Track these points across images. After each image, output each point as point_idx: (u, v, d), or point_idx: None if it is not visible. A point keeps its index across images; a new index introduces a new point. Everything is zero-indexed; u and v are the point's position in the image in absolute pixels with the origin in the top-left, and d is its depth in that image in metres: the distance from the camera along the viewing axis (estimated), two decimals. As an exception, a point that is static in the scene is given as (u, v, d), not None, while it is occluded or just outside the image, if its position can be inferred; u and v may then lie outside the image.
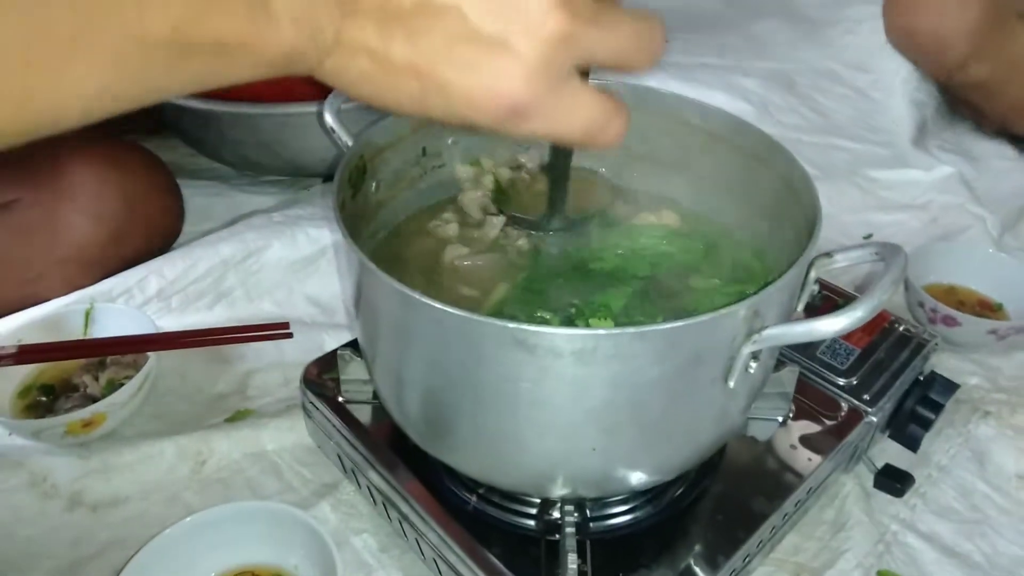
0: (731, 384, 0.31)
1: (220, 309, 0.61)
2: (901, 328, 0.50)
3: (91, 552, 0.46)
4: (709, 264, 0.42)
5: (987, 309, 0.62)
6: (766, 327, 0.30)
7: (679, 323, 0.29)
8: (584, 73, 0.29)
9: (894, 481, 0.47)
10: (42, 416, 0.50)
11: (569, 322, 0.36)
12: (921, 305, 0.59)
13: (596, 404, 0.31)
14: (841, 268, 0.35)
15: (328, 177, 0.77)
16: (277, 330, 0.54)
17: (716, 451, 0.40)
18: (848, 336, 0.50)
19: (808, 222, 0.35)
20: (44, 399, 0.52)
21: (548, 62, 0.23)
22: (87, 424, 0.49)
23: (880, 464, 0.48)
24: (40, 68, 0.19)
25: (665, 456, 0.35)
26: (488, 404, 0.33)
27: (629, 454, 0.34)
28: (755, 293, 0.30)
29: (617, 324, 0.36)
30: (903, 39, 0.82)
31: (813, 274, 0.35)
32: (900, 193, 0.77)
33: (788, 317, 0.33)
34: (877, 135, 0.87)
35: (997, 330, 0.56)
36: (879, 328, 0.50)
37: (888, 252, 0.32)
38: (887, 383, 0.46)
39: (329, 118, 0.42)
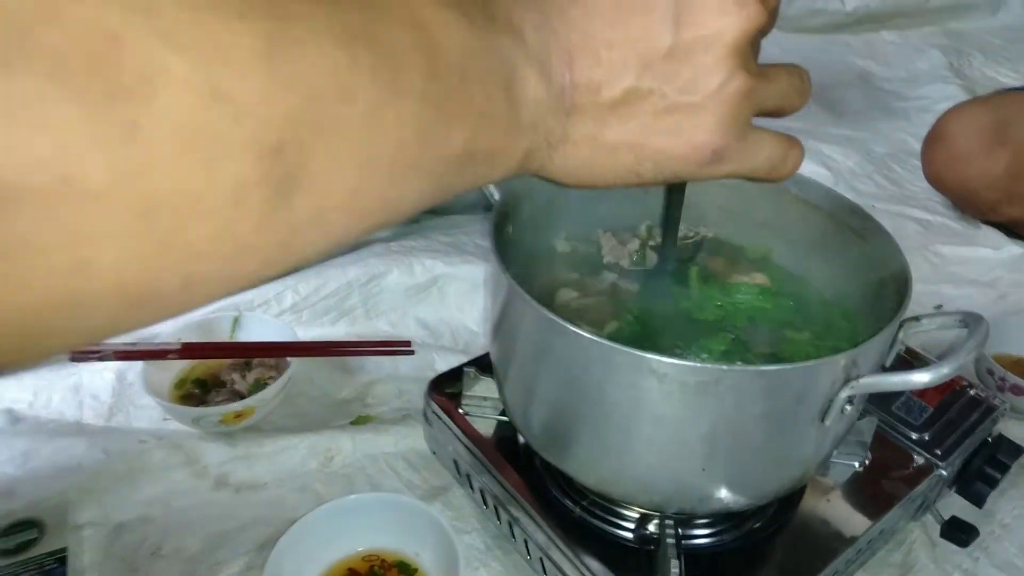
0: (827, 423, 0.37)
1: (342, 324, 0.69)
2: (972, 392, 0.54)
3: (234, 527, 0.53)
4: (801, 320, 0.48)
5: (1053, 382, 0.65)
6: (861, 376, 0.36)
7: (790, 366, 0.35)
8: None
9: (960, 532, 0.51)
10: (195, 406, 0.58)
11: (681, 359, 0.42)
12: (991, 373, 0.63)
13: (709, 430, 0.37)
14: (924, 332, 0.40)
15: (433, 212, 0.85)
16: (401, 347, 0.61)
17: (800, 486, 0.45)
18: (922, 395, 0.54)
19: (898, 288, 0.40)
20: (197, 391, 0.60)
21: (735, 115, 0.29)
22: (238, 416, 0.56)
23: (947, 516, 0.52)
24: (395, 180, 0.22)
25: (762, 482, 0.40)
26: (614, 422, 0.39)
27: (731, 477, 0.39)
28: (855, 347, 0.35)
29: (724, 364, 0.42)
30: (938, 185, 0.88)
31: (901, 335, 0.40)
32: (969, 269, 0.81)
33: (878, 370, 0.39)
34: (949, 209, 0.91)
35: (1063, 402, 0.60)
36: (951, 390, 0.54)
37: (972, 320, 0.37)
38: (957, 441, 0.51)
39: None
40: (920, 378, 0.34)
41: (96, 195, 0.16)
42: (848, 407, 0.36)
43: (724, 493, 0.40)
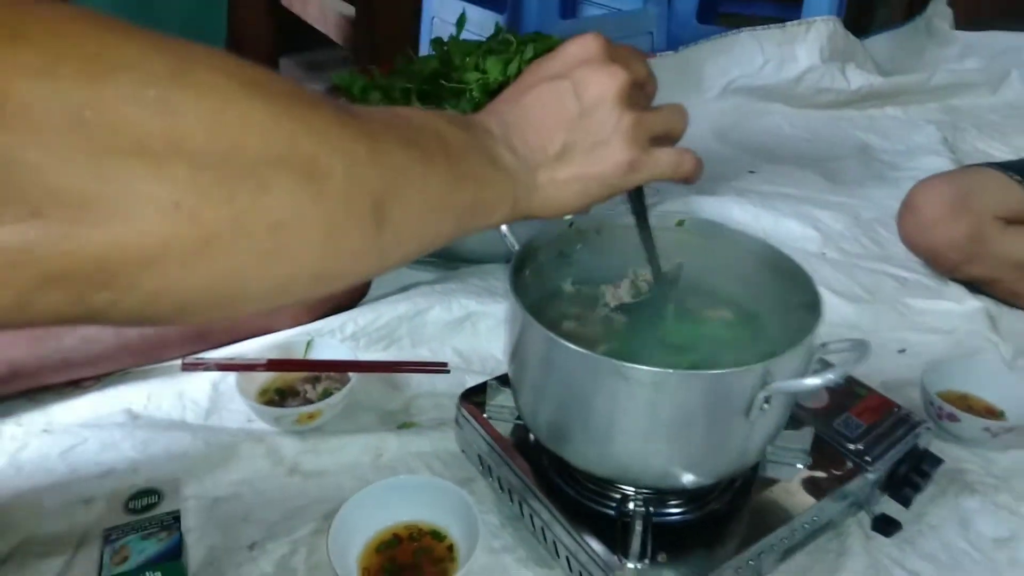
0: (751, 418, 0.50)
1: (392, 350, 0.84)
2: (900, 412, 0.66)
3: (304, 503, 0.67)
4: (754, 345, 0.61)
5: (991, 414, 0.76)
6: (775, 382, 0.49)
7: (719, 371, 0.48)
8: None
9: (886, 525, 0.62)
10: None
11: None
12: (931, 403, 0.75)
13: (664, 419, 0.50)
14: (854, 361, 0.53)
15: (469, 261, 1.00)
16: (439, 367, 0.76)
17: (747, 470, 0.57)
18: (860, 414, 0.66)
19: (815, 319, 0.53)
20: (277, 398, 0.75)
21: (634, 138, 0.44)
22: (310, 416, 0.71)
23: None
24: (435, 219, 0.38)
25: (706, 463, 0.53)
26: (597, 416, 0.52)
27: (682, 458, 0.52)
28: (767, 360, 0.49)
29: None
30: (911, 247, 1.02)
31: (816, 355, 0.53)
32: (934, 319, 0.93)
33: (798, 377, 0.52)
34: (923, 267, 1.03)
35: (989, 428, 0.71)
36: (885, 411, 0.66)
37: (859, 345, 0.50)
38: (884, 450, 0.63)
39: (504, 227, 0.64)
40: (811, 381, 0.47)
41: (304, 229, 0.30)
42: (766, 405, 0.49)
43: (678, 471, 0.53)
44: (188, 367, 0.73)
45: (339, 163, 0.31)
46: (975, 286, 0.98)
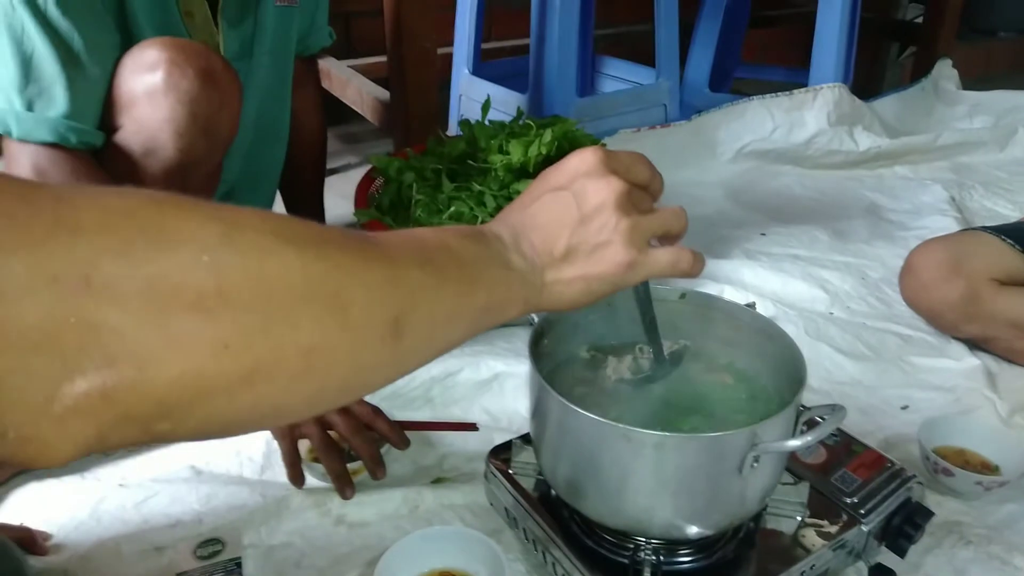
0: (743, 474, 0.57)
1: (426, 409, 0.92)
2: (893, 468, 0.72)
3: (350, 551, 0.74)
4: (750, 407, 0.68)
5: (987, 469, 0.81)
6: (762, 443, 0.56)
7: (712, 435, 0.55)
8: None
9: (882, 574, 0.68)
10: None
11: (657, 433, 0.63)
12: (927, 458, 0.80)
13: (666, 476, 0.57)
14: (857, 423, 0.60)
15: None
16: (469, 427, 0.84)
17: (749, 522, 0.63)
18: (856, 470, 0.72)
19: (799, 385, 0.60)
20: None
21: (632, 240, 0.48)
22: (354, 472, 0.79)
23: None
24: (450, 325, 0.44)
25: (706, 515, 0.60)
26: (607, 473, 0.59)
27: (684, 511, 0.59)
28: (756, 424, 0.55)
29: (685, 437, 0.62)
30: (912, 307, 1.09)
31: (800, 418, 0.60)
32: (935, 376, 0.98)
33: (784, 439, 0.58)
34: (927, 326, 1.09)
35: (982, 482, 0.76)
36: (879, 467, 0.72)
37: (834, 411, 0.57)
38: (877, 504, 0.68)
39: (525, 301, 0.72)
40: (792, 443, 0.54)
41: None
42: (755, 463, 0.56)
43: (682, 523, 0.59)
44: None
45: (360, 292, 0.37)
46: (976, 344, 1.03)
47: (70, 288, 0.27)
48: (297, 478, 0.77)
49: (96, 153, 0.81)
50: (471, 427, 0.85)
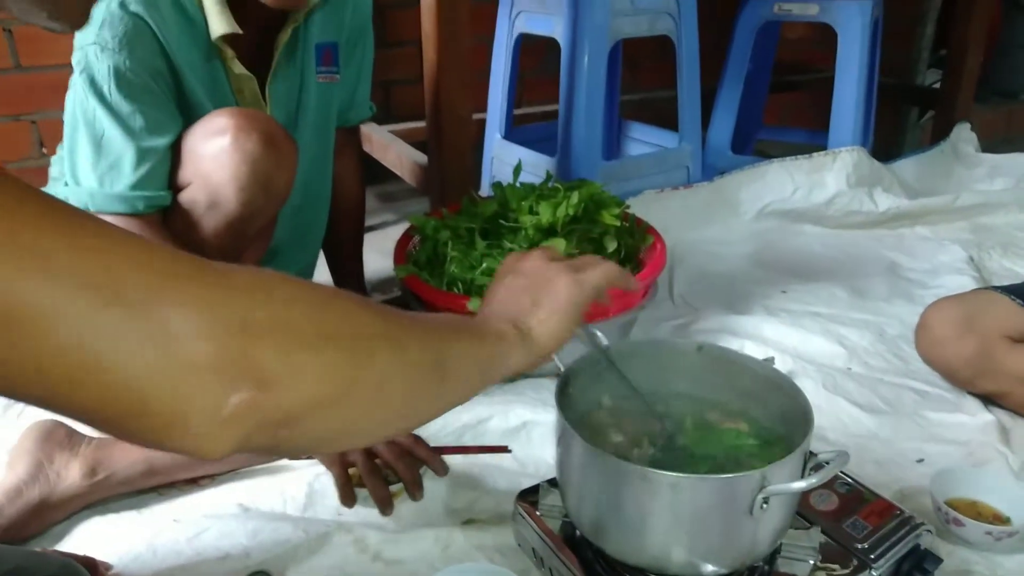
0: (754, 515, 0.61)
1: (457, 455, 0.97)
2: (903, 515, 0.75)
3: (384, 587, 0.79)
4: (764, 453, 0.72)
5: (998, 520, 0.84)
6: (770, 485, 0.60)
7: (724, 476, 0.60)
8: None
9: (892, 618, 0.71)
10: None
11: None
12: (938, 509, 0.83)
13: (682, 516, 0.62)
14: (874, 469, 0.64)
15: (527, 376, 1.14)
16: (502, 449, 0.92)
17: (763, 564, 0.67)
18: (867, 517, 0.76)
19: (805, 431, 0.65)
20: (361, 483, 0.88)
21: (567, 267, 0.62)
22: (394, 494, 0.84)
23: (887, 609, 0.72)
24: (472, 369, 0.55)
25: (720, 554, 0.64)
26: (627, 513, 0.64)
27: (700, 549, 0.63)
28: (765, 467, 0.60)
29: (700, 480, 0.67)
30: (928, 363, 1.12)
31: (809, 463, 0.64)
32: (949, 431, 1.01)
33: (792, 481, 0.63)
34: (943, 382, 1.12)
35: (992, 532, 0.79)
36: (889, 514, 0.76)
37: (839, 455, 0.61)
38: (886, 549, 0.72)
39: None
40: (797, 485, 0.59)
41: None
42: (765, 504, 0.60)
43: (698, 561, 0.64)
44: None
45: (413, 339, 0.49)
46: (990, 399, 1.06)
47: (232, 330, 0.38)
48: (348, 498, 0.84)
49: (165, 209, 0.90)
50: (503, 449, 0.91)
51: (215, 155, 0.88)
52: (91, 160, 0.87)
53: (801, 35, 2.44)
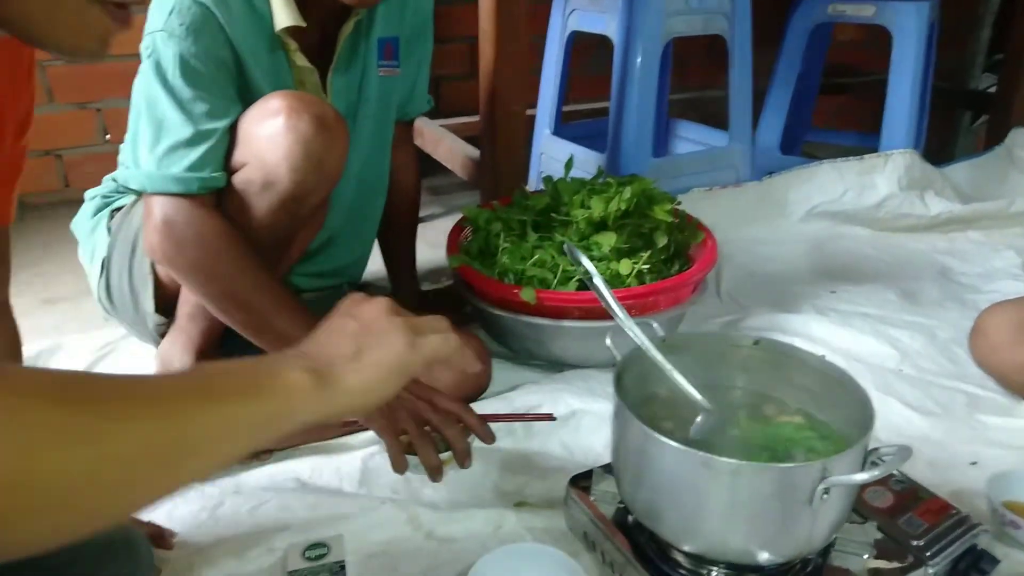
0: (813, 506, 0.61)
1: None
2: (959, 515, 0.75)
3: (438, 564, 0.81)
4: (823, 446, 0.72)
5: (1056, 525, 0.83)
6: (831, 476, 0.61)
7: (785, 465, 0.61)
8: None
9: (948, 616, 0.71)
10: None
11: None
12: (995, 511, 0.82)
13: (741, 503, 0.63)
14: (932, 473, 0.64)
15: (573, 365, 1.15)
16: (546, 417, 0.94)
17: (817, 556, 0.68)
18: (922, 515, 0.76)
19: (865, 424, 0.65)
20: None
21: (407, 327, 0.55)
22: (444, 462, 0.86)
23: (942, 607, 0.72)
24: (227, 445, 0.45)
25: (777, 543, 0.65)
26: (685, 498, 0.65)
27: (757, 538, 0.64)
28: (825, 459, 0.61)
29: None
30: (982, 368, 1.12)
31: (869, 457, 0.64)
32: (1003, 434, 1.00)
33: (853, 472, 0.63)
34: (997, 385, 1.10)
35: (1050, 536, 0.78)
36: (945, 513, 0.75)
37: (901, 449, 0.61)
38: (942, 547, 0.72)
39: (608, 340, 0.79)
40: (860, 476, 0.59)
41: None
42: (825, 495, 0.61)
43: (754, 549, 0.64)
44: (346, 426, 0.92)
45: (123, 427, 0.40)
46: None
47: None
48: (400, 464, 0.83)
49: (220, 190, 0.93)
50: (548, 417, 0.93)
51: (268, 136, 0.91)
52: (150, 143, 0.90)
53: (852, 37, 2.42)
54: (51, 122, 1.77)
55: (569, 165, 1.29)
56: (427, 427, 0.86)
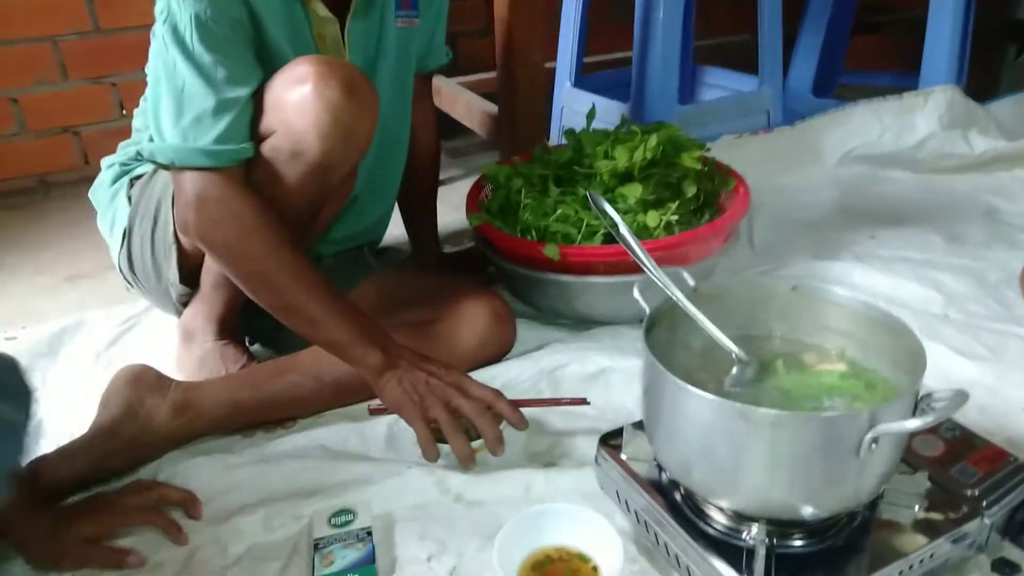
0: (861, 456, 0.57)
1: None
2: (1017, 462, 0.70)
3: (467, 527, 0.79)
4: (868, 394, 0.68)
5: (1122, 471, 0.78)
6: (880, 424, 0.56)
7: (830, 414, 0.57)
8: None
9: (1006, 567, 0.66)
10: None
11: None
12: (1055, 458, 0.77)
13: (782, 456, 0.59)
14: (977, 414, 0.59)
15: (601, 322, 1.12)
16: (580, 402, 0.90)
17: (865, 509, 0.64)
18: (977, 463, 0.71)
19: (917, 370, 0.60)
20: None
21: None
22: (476, 450, 0.84)
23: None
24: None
25: (823, 497, 0.61)
26: (722, 452, 0.62)
27: (801, 491, 0.60)
28: (873, 406, 0.56)
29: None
30: None
31: (921, 404, 0.60)
32: (1059, 377, 0.95)
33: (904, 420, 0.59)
34: (1052, 328, 1.04)
35: (1116, 482, 0.73)
36: (1001, 461, 0.71)
37: (958, 395, 0.57)
38: (999, 497, 0.67)
39: (637, 292, 0.75)
40: (912, 423, 0.55)
41: None
42: (874, 445, 0.57)
43: (798, 503, 0.61)
44: (375, 412, 0.88)
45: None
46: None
47: None
48: (433, 454, 0.84)
49: (249, 160, 0.90)
50: (582, 402, 0.89)
51: (296, 103, 0.87)
52: (173, 114, 0.87)
53: (887, -29, 2.29)
54: (66, 99, 1.76)
55: (591, 115, 1.24)
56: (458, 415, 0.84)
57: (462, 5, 1.92)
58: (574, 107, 1.67)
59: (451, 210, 1.43)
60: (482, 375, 0.97)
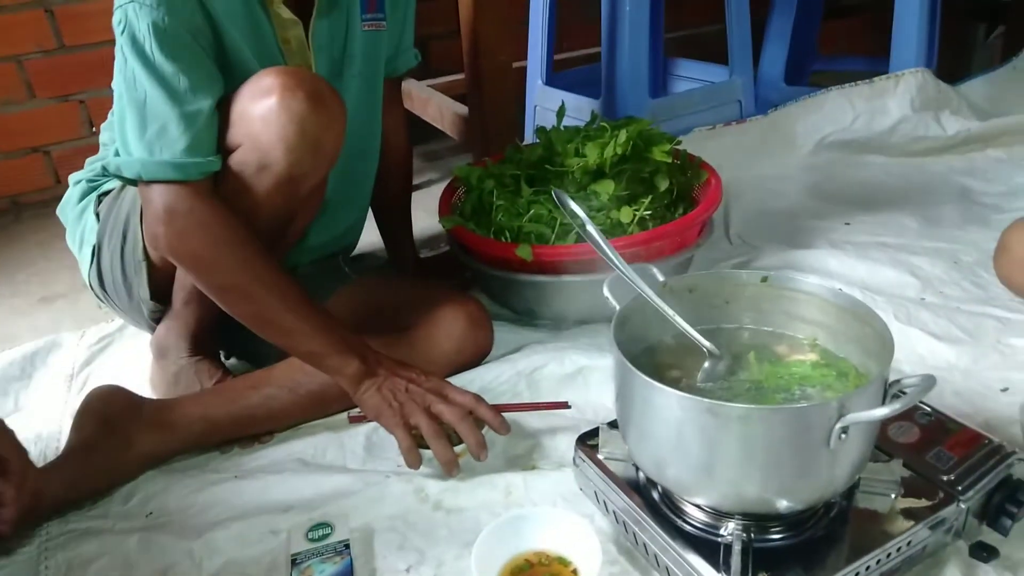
0: (831, 447, 0.57)
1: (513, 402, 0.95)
2: (991, 444, 0.70)
3: (446, 535, 0.78)
4: (840, 383, 0.68)
5: (1098, 448, 0.78)
6: (849, 413, 0.56)
7: (798, 406, 0.56)
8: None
9: (983, 551, 0.66)
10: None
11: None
12: (1030, 438, 0.78)
13: (753, 450, 0.59)
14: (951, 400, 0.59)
15: (577, 321, 1.11)
16: (561, 406, 0.89)
17: (841, 499, 0.64)
18: (952, 448, 0.71)
19: (887, 358, 0.60)
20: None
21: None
22: (458, 455, 0.83)
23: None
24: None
25: (795, 490, 0.60)
26: (693, 448, 0.61)
27: (774, 485, 0.60)
28: (840, 396, 0.56)
29: (770, 413, 0.63)
30: (1008, 287, 1.08)
31: (891, 391, 0.60)
32: (1036, 357, 0.95)
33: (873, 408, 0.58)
34: (1027, 307, 1.05)
35: (1091, 459, 0.73)
36: (976, 444, 0.71)
37: (926, 379, 0.56)
38: (975, 480, 0.67)
39: (606, 290, 0.74)
40: (880, 412, 0.54)
41: None
42: (844, 435, 0.57)
43: (771, 497, 0.60)
44: (354, 420, 0.88)
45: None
46: (1082, 323, 0.99)
47: None
48: (415, 461, 0.84)
49: (216, 173, 0.89)
50: (563, 406, 0.89)
51: (262, 116, 0.86)
52: (137, 127, 0.85)
53: (855, -45, 2.30)
54: (34, 118, 1.74)
55: (561, 113, 1.23)
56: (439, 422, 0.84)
57: (431, 7, 1.90)
58: (547, 105, 1.67)
59: (427, 214, 1.42)
60: (460, 379, 0.96)
